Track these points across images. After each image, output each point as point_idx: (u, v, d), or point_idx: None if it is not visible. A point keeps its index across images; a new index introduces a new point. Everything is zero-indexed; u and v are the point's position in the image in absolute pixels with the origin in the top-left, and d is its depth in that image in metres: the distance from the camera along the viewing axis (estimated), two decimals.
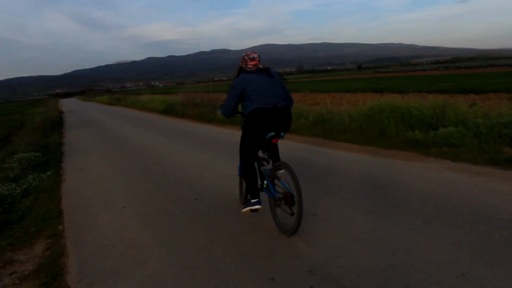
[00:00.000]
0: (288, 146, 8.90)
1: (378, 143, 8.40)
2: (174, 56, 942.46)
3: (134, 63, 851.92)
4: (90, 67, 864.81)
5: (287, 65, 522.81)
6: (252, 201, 4.06)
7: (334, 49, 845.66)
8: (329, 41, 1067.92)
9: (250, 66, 4.23)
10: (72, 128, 18.91)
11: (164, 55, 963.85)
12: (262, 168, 4.43)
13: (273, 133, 4.00)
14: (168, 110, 21.31)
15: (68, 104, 60.86)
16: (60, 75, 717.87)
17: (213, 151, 9.17)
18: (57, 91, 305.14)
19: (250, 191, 4.11)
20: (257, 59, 4.27)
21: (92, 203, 5.93)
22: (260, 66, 4.22)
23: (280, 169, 4.09)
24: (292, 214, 3.80)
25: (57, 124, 20.73)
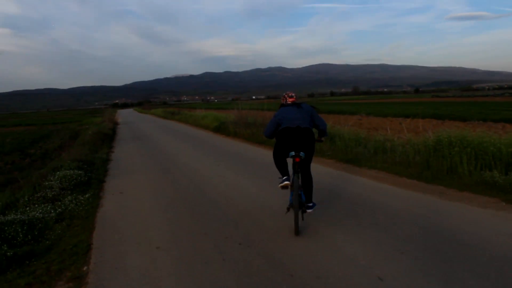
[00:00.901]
0: (348, 180, 8.04)
1: (447, 182, 7.34)
2: (230, 72, 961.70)
3: (191, 77, 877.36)
4: (149, 79, 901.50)
5: (342, 85, 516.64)
6: (284, 178, 5.52)
7: (391, 71, 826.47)
8: (386, 63, 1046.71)
9: (289, 101, 5.70)
10: (122, 143, 18.98)
11: (221, 71, 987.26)
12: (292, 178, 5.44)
13: (293, 153, 5.23)
14: (220, 128, 20.95)
15: (125, 116, 62.96)
16: (121, 86, 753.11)
17: (264, 180, 8.42)
18: (117, 101, 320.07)
19: (281, 173, 5.61)
20: (294, 97, 5.77)
21: (125, 238, 5.37)
22: (295, 101, 5.70)
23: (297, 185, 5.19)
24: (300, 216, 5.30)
25: (108, 137, 20.90)
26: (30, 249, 5.13)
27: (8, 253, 4.89)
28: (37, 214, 6.45)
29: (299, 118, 5.41)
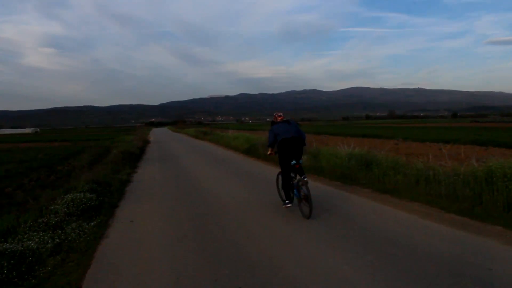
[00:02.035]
0: (387, 215, 7.02)
1: (505, 222, 6.25)
2: (265, 93, 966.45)
3: (226, 97, 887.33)
4: (185, 99, 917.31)
5: (377, 109, 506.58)
6: (286, 201, 7.59)
7: (427, 95, 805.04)
8: (422, 87, 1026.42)
9: (279, 119, 7.84)
10: (148, 163, 18.54)
11: (256, 92, 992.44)
12: (292, 182, 7.60)
13: (294, 161, 7.40)
14: (251, 150, 20.17)
15: (158, 134, 63.52)
16: (157, 105, 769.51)
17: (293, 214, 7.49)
18: (153, 119, 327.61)
19: (286, 196, 7.63)
20: (282, 115, 7.94)
21: (120, 281, 4.58)
22: (284, 119, 7.85)
23: (303, 183, 7.15)
24: (308, 206, 6.91)
25: (134, 156, 20.49)
26: None
27: None
28: (32, 244, 5.80)
29: (290, 131, 7.55)
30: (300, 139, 7.51)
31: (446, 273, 4.40)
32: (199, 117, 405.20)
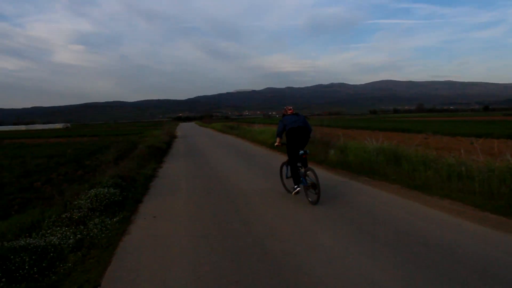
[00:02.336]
0: (417, 212, 6.68)
1: None
2: (292, 87, 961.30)
3: (253, 92, 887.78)
4: (212, 93, 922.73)
5: (406, 103, 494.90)
6: (295, 186, 8.14)
7: (457, 88, 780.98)
8: (452, 79, 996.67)
9: (289, 112, 8.49)
10: (174, 157, 18.56)
11: (283, 86, 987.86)
12: (298, 170, 8.27)
13: (302, 151, 7.99)
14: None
15: (185, 129, 63.99)
16: (184, 99, 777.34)
17: (323, 211, 7.25)
18: (180, 114, 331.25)
19: (295, 182, 8.19)
20: (292, 109, 8.54)
21: (139, 280, 4.47)
22: (293, 112, 8.48)
23: (308, 170, 7.97)
24: (316, 193, 7.62)
25: (161, 151, 20.57)
26: (27, 287, 4.36)
27: None
28: (54, 239, 5.80)
29: (297, 121, 8.24)
30: (306, 129, 8.21)
31: (478, 276, 4.10)
32: (226, 112, 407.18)
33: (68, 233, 6.12)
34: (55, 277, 4.76)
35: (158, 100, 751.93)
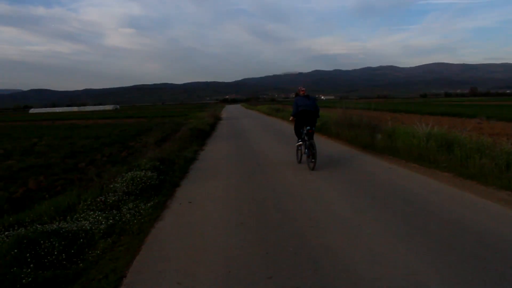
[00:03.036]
0: (471, 204, 6.07)
1: None
2: (340, 70, 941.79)
3: (300, 74, 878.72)
4: (259, 76, 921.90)
5: (458, 86, 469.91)
6: (299, 140, 10.34)
7: None
8: (509, 62, 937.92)
9: (301, 93, 10.21)
10: (217, 140, 18.46)
11: (330, 69, 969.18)
12: (304, 141, 10.00)
13: (309, 127, 9.75)
14: (322, 128, 19.38)
15: (230, 111, 64.27)
16: (231, 82, 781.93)
17: (368, 200, 6.76)
18: (227, 96, 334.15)
19: (298, 138, 10.42)
20: (304, 90, 10.26)
21: (167, 272, 4.23)
22: (305, 94, 10.20)
23: (311, 143, 9.57)
24: (313, 162, 9.48)
25: (204, 133, 20.52)
26: (54, 275, 4.24)
27: (25, 280, 4.03)
28: (86, 224, 5.73)
29: (309, 105, 9.87)
30: (315, 113, 10.03)
31: None
32: (273, 94, 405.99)
33: (100, 217, 6.03)
34: (83, 264, 4.63)
35: (206, 82, 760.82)
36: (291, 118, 10.62)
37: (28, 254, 4.59)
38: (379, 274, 3.94)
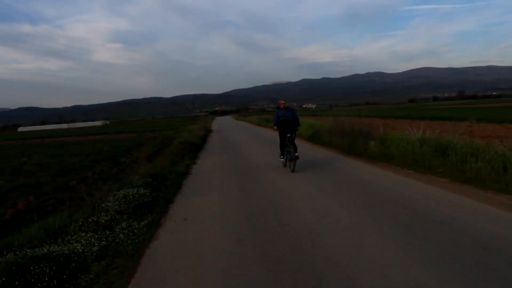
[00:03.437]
0: (472, 210, 5.96)
1: None
2: (328, 78, 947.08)
3: (289, 84, 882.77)
4: (247, 86, 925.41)
5: (445, 90, 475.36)
6: (281, 156, 11.88)
7: (501, 73, 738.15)
8: (495, 64, 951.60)
9: (281, 106, 11.74)
10: (209, 153, 18.28)
11: (319, 77, 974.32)
12: (286, 149, 11.34)
13: (289, 134, 10.97)
14: (315, 137, 19.30)
15: (221, 123, 64.12)
16: (220, 93, 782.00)
17: (363, 210, 6.62)
18: (216, 108, 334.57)
19: (281, 153, 11.84)
20: (284, 102, 11.86)
21: None
22: (285, 106, 11.74)
23: (291, 148, 10.88)
24: (293, 164, 10.81)
25: (195, 146, 20.33)
26: None
27: None
28: (78, 247, 5.49)
29: (288, 115, 11.48)
30: (294, 122, 11.58)
31: None
32: (262, 104, 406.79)
33: (93, 239, 5.82)
34: None
35: (195, 95, 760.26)
36: (275, 127, 11.95)
37: (17, 282, 4.37)
38: (384, 286, 3.80)
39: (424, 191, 7.64)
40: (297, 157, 10.80)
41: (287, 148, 11.25)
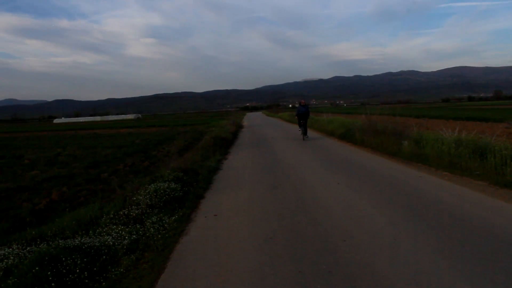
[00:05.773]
0: (504, 212, 5.63)
1: None
2: (360, 75, 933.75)
3: (320, 81, 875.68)
4: (279, 83, 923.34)
5: (482, 90, 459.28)
6: (300, 129, 21.89)
7: None
8: None
9: (301, 104, 22.30)
10: (240, 148, 18.27)
11: (351, 75, 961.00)
12: (300, 128, 21.69)
13: (302, 121, 21.24)
14: (346, 135, 18.97)
15: (251, 119, 64.10)
16: (252, 89, 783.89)
17: (397, 212, 6.39)
18: (247, 104, 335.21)
19: (299, 126, 22.04)
20: (303, 101, 22.90)
21: None
22: (304, 104, 22.31)
23: (303, 129, 21.26)
24: (305, 136, 21.17)
25: (226, 142, 20.34)
26: None
27: None
28: (109, 239, 5.53)
29: (304, 110, 21.14)
30: (306, 113, 20.86)
31: None
32: (293, 101, 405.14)
33: (123, 232, 5.84)
34: (105, 283, 4.43)
35: (226, 90, 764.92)
36: (295, 116, 22.89)
37: (49, 272, 4.41)
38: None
39: (461, 194, 7.34)
40: (306, 135, 20.66)
41: (301, 127, 20.90)
